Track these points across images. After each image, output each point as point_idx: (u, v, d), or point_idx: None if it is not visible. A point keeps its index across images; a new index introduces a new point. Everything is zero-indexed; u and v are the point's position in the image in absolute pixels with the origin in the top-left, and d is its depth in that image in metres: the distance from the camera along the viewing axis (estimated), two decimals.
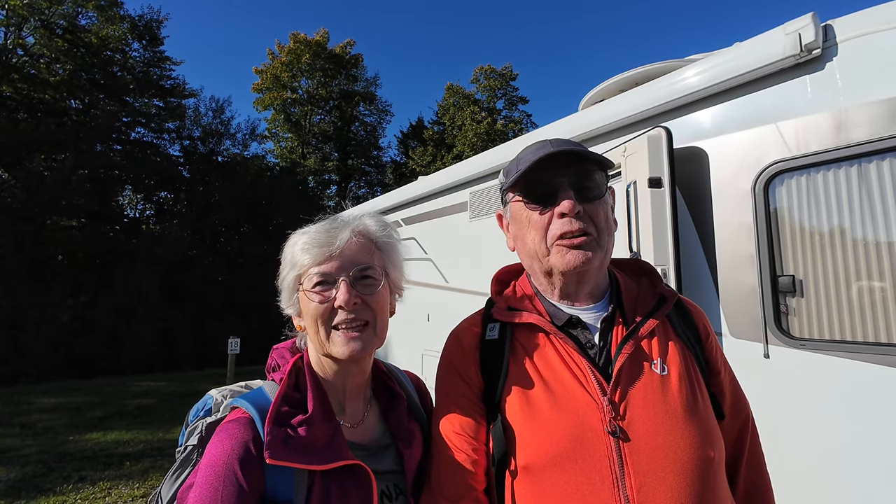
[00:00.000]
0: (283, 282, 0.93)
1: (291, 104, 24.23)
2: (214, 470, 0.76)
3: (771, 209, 2.02)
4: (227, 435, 0.81)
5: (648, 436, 0.77)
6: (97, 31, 15.73)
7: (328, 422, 0.86)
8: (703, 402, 0.83)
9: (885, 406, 1.67)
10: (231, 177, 17.47)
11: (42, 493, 4.67)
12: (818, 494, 1.79)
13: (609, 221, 0.90)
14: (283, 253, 0.94)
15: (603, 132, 2.75)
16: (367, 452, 0.90)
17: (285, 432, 0.80)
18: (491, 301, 1.02)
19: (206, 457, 0.79)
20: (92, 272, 13.80)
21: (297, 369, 0.93)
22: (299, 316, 0.93)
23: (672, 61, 2.93)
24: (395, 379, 1.04)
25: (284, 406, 0.84)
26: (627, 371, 0.83)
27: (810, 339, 1.89)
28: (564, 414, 0.80)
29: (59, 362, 12.16)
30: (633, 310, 0.91)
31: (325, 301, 0.86)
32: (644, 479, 0.75)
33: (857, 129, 1.79)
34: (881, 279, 1.75)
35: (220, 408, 0.96)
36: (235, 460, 0.77)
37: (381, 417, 0.98)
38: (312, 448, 0.80)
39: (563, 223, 0.86)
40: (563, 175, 0.87)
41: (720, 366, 0.94)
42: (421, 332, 4.54)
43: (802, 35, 1.88)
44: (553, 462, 0.78)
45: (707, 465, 0.77)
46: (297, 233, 0.95)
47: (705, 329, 0.95)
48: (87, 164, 14.43)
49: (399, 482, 0.90)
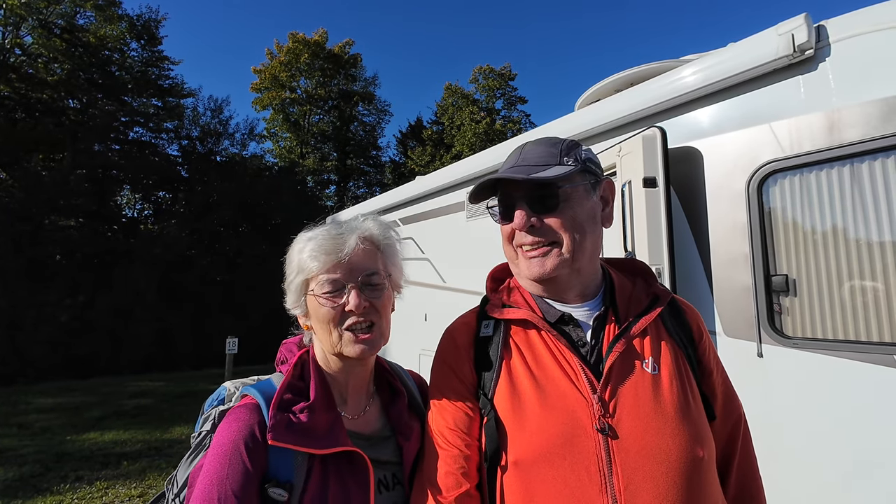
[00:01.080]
0: (290, 285, 0.97)
1: (290, 104, 24.21)
2: (223, 449, 0.83)
3: (765, 209, 2.03)
4: (234, 419, 0.87)
5: (637, 434, 0.78)
6: (95, 31, 15.70)
7: (329, 410, 0.91)
8: (693, 402, 0.84)
9: (879, 404, 1.68)
10: (229, 176, 17.45)
11: (39, 492, 4.67)
12: (812, 493, 1.80)
13: (578, 225, 0.88)
14: (289, 257, 0.98)
15: (598, 132, 2.76)
16: (367, 442, 0.94)
17: (288, 417, 0.85)
18: (486, 298, 1.02)
19: (216, 439, 0.86)
20: (90, 272, 13.77)
21: (302, 362, 0.98)
22: (306, 316, 0.98)
23: (667, 61, 2.94)
24: (397, 376, 1.09)
25: (288, 394, 0.89)
26: (618, 369, 0.83)
27: (803, 338, 1.90)
28: (555, 411, 0.81)
29: (57, 362, 12.15)
30: (627, 309, 0.91)
31: (336, 306, 0.92)
32: (631, 476, 0.75)
33: (849, 129, 1.80)
34: (874, 278, 1.76)
35: (232, 397, 1.04)
36: (241, 441, 0.83)
37: (383, 411, 1.03)
38: (313, 433, 0.86)
39: (521, 236, 0.91)
40: (522, 188, 0.91)
41: (713, 366, 0.94)
42: (418, 332, 4.55)
43: (795, 35, 1.89)
44: (542, 458, 0.79)
45: (696, 464, 0.78)
46: (302, 237, 0.98)
47: (699, 329, 0.96)
48: (85, 163, 14.41)
49: (397, 472, 0.95)
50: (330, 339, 0.92)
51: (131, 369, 12.90)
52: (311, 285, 0.94)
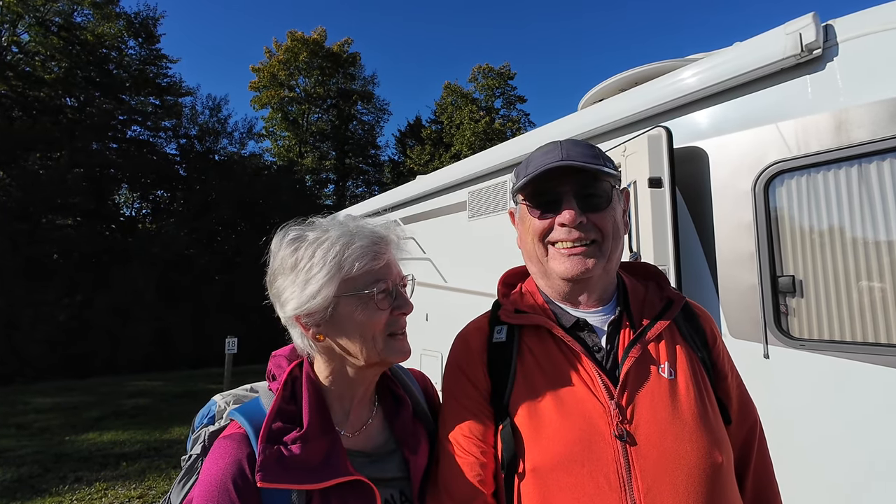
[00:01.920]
0: (308, 288, 0.84)
1: (289, 103, 24.16)
2: (210, 489, 0.76)
3: (771, 209, 2.02)
4: (221, 453, 0.80)
5: (655, 440, 0.77)
6: (93, 29, 15.63)
7: (326, 435, 0.83)
8: (710, 407, 0.83)
9: (885, 406, 1.67)
10: (228, 175, 17.42)
11: (38, 493, 4.64)
12: (818, 493, 1.79)
13: (617, 228, 0.90)
14: (306, 254, 0.86)
15: (603, 132, 2.74)
16: (369, 459, 0.88)
17: (278, 451, 0.78)
18: (497, 303, 1.01)
19: (203, 474, 0.79)
20: (88, 271, 13.74)
21: (293, 379, 0.90)
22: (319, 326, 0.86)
23: (672, 61, 2.93)
24: (400, 383, 1.02)
25: (277, 422, 0.82)
26: (634, 375, 0.83)
27: (810, 339, 1.89)
28: (572, 417, 0.80)
29: (55, 362, 12.12)
30: (641, 313, 0.90)
31: (385, 310, 0.87)
32: (651, 483, 0.74)
33: (857, 129, 1.79)
34: (881, 280, 1.75)
35: (223, 415, 0.95)
36: (230, 481, 0.76)
37: (386, 423, 0.96)
38: (308, 465, 0.78)
39: (563, 232, 0.87)
40: (568, 184, 0.88)
41: (727, 370, 0.93)
42: (419, 332, 4.53)
43: (803, 35, 1.88)
44: (561, 465, 0.78)
45: (715, 469, 0.77)
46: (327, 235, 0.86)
47: (712, 333, 0.95)
48: (83, 162, 14.36)
49: (405, 489, 0.89)
50: (373, 347, 0.86)
51: (130, 369, 12.88)
52: (355, 287, 0.84)
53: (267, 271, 0.93)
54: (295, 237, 0.90)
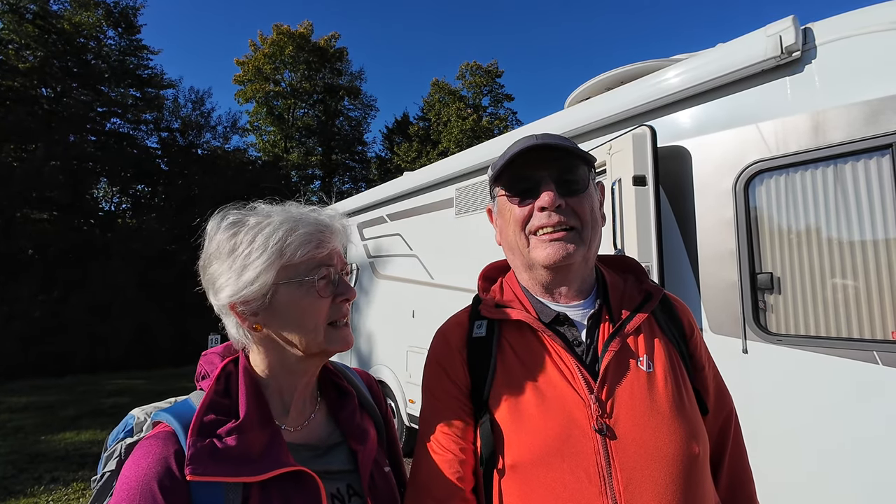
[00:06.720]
0: (245, 274, 0.80)
1: (274, 97, 23.78)
2: (129, 492, 0.67)
3: (751, 208, 2.07)
4: (143, 453, 0.72)
5: (635, 433, 0.78)
6: (70, 18, 15.14)
7: (265, 427, 0.78)
8: (688, 399, 0.84)
9: (860, 400, 1.73)
10: (211, 170, 17.08)
11: (12, 494, 4.51)
12: (795, 485, 1.84)
13: (594, 215, 0.90)
14: (245, 239, 0.82)
15: (588, 130, 2.77)
16: (314, 453, 0.84)
17: (211, 443, 0.71)
18: (478, 298, 1.01)
19: (121, 479, 0.70)
20: (65, 267, 13.35)
21: (227, 374, 0.84)
22: (257, 315, 0.82)
23: (657, 60, 2.97)
24: (343, 376, 0.99)
25: (210, 414, 0.75)
26: (614, 369, 0.83)
27: (787, 334, 1.94)
28: (552, 412, 0.80)
29: (31, 360, 11.76)
30: (620, 306, 0.91)
31: (328, 297, 0.83)
32: (631, 475, 0.75)
33: (834, 130, 1.84)
34: (856, 277, 1.80)
35: (142, 427, 0.87)
36: (153, 479, 0.68)
37: (330, 416, 0.92)
38: (245, 457, 0.72)
39: (543, 217, 0.87)
40: (546, 169, 0.88)
41: (704, 362, 0.95)
42: (406, 329, 4.53)
43: (783, 37, 1.92)
44: (541, 460, 0.78)
45: (692, 460, 0.78)
46: (270, 220, 0.83)
47: (690, 325, 0.96)
48: (60, 154, 13.92)
49: (353, 482, 0.85)
50: (313, 336, 0.82)
51: (109, 367, 12.57)
52: (296, 274, 0.80)
53: (200, 256, 0.88)
54: (234, 221, 0.85)
